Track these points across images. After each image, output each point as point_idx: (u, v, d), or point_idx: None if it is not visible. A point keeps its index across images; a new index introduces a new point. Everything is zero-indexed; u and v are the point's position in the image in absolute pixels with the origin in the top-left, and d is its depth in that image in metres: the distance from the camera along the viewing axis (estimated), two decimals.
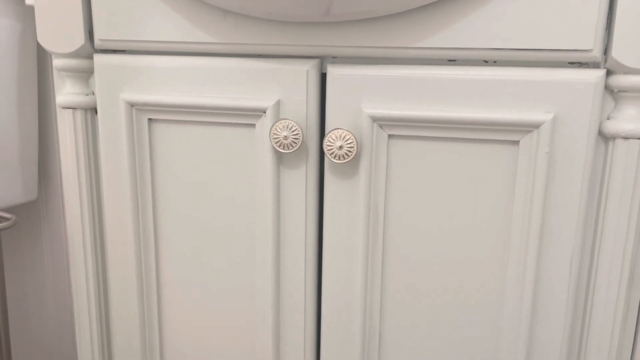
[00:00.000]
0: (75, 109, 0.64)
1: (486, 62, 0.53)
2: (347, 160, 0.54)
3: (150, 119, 0.62)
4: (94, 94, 0.64)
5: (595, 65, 0.51)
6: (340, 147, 0.54)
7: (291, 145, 0.56)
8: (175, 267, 0.66)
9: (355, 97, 0.55)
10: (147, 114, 0.62)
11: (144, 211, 0.65)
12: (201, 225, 0.64)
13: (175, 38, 0.59)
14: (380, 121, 0.55)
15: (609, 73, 0.50)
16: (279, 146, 0.56)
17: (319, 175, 0.59)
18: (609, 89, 0.51)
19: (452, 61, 0.54)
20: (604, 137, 0.52)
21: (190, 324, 0.67)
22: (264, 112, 0.57)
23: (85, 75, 0.64)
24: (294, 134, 0.55)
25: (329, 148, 0.55)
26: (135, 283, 0.67)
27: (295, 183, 0.59)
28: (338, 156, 0.54)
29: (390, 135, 0.55)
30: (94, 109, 0.65)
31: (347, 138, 0.54)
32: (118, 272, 0.68)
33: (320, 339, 0.63)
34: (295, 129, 0.55)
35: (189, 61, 0.59)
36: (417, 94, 0.54)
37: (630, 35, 0.48)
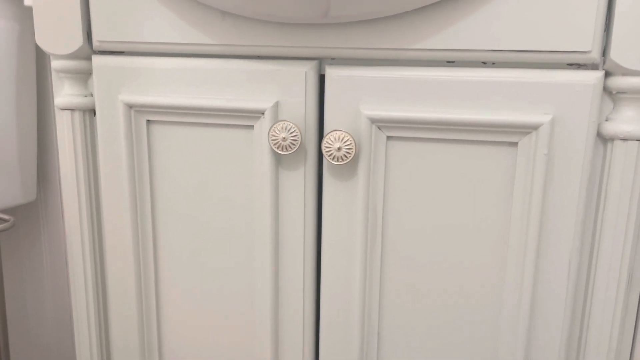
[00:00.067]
0: (73, 110, 0.64)
1: (484, 64, 0.53)
2: (346, 162, 0.54)
3: (148, 121, 0.62)
4: (92, 95, 0.64)
5: (593, 66, 0.51)
6: (338, 149, 0.54)
7: (289, 146, 0.56)
8: (174, 268, 0.66)
9: (354, 99, 0.55)
10: (146, 115, 0.62)
11: (143, 212, 0.65)
12: (200, 226, 0.64)
13: (174, 39, 0.59)
14: (379, 123, 0.55)
15: (608, 74, 0.50)
16: (278, 148, 0.56)
17: (318, 176, 0.59)
18: (607, 90, 0.51)
19: (451, 63, 0.54)
20: (603, 139, 0.52)
21: (188, 325, 0.67)
22: (263, 114, 0.57)
23: (83, 76, 0.64)
24: (292, 135, 0.55)
25: (328, 150, 0.54)
26: (133, 284, 0.67)
27: (293, 184, 0.59)
28: (336, 158, 0.54)
29: (388, 137, 0.55)
30: (93, 111, 0.65)
31: (346, 140, 0.54)
32: (116, 273, 0.68)
33: (319, 340, 0.63)
34: (293, 130, 0.55)
35: (187, 62, 0.59)
36: (416, 95, 0.53)
37: (629, 36, 0.48)
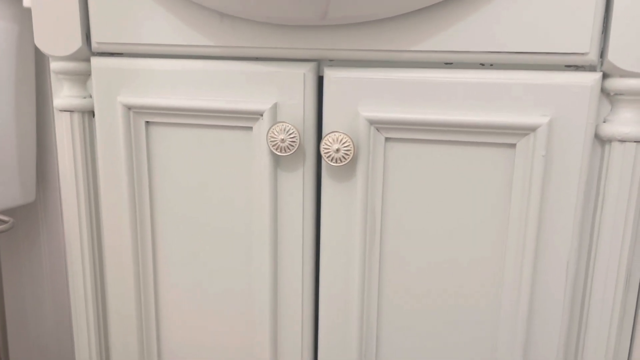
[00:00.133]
0: (72, 111, 0.64)
1: (483, 65, 0.53)
2: (344, 163, 0.55)
3: (147, 122, 0.62)
4: (91, 96, 0.64)
5: (591, 68, 0.51)
6: (337, 150, 0.54)
7: (288, 148, 0.56)
8: (173, 270, 0.66)
9: (352, 100, 0.55)
10: (144, 116, 0.62)
11: (142, 214, 0.65)
12: (199, 227, 0.64)
13: (172, 41, 0.59)
14: (377, 124, 0.55)
15: (605, 76, 0.50)
16: (276, 149, 0.56)
17: (316, 178, 0.59)
18: (605, 92, 0.51)
19: (449, 64, 0.54)
20: (601, 140, 0.52)
21: (187, 326, 0.67)
22: (261, 115, 0.57)
23: (82, 78, 0.64)
24: (291, 136, 0.55)
25: (326, 151, 0.55)
26: (132, 284, 0.67)
27: (292, 186, 0.59)
28: (335, 159, 0.55)
29: (387, 138, 0.55)
30: (92, 112, 0.65)
31: (344, 141, 0.54)
32: (115, 274, 0.68)
33: (317, 341, 0.63)
34: (292, 131, 0.55)
35: (186, 64, 0.59)
36: (414, 96, 0.54)
37: (626, 38, 0.48)
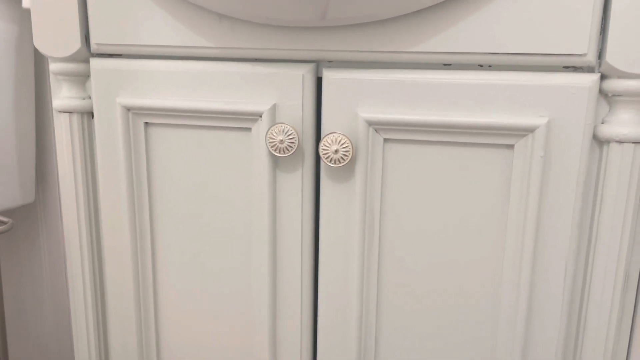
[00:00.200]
0: (71, 112, 0.64)
1: (481, 67, 0.53)
2: (343, 165, 0.55)
3: (146, 123, 0.62)
4: (90, 97, 0.64)
5: (589, 69, 0.51)
6: (335, 151, 0.54)
7: (287, 149, 0.56)
8: (172, 271, 0.66)
9: (351, 101, 0.55)
10: (144, 117, 0.62)
11: (141, 214, 0.65)
12: (198, 228, 0.64)
13: (172, 42, 0.59)
14: (376, 125, 0.55)
15: (603, 77, 0.50)
16: (275, 150, 0.56)
17: (315, 179, 0.59)
18: (603, 93, 0.51)
19: (447, 65, 0.54)
20: (599, 141, 0.52)
21: (187, 326, 0.67)
22: (260, 116, 0.57)
23: (81, 79, 0.64)
24: (289, 138, 0.55)
25: (325, 152, 0.55)
26: (132, 285, 0.67)
27: (291, 187, 0.59)
28: (334, 160, 0.55)
29: (385, 139, 0.55)
30: (91, 113, 0.65)
31: (343, 142, 0.54)
32: (115, 274, 0.68)
33: (316, 342, 0.63)
34: (291, 133, 0.55)
35: (185, 65, 0.59)
36: (413, 98, 0.54)
37: (624, 39, 0.48)
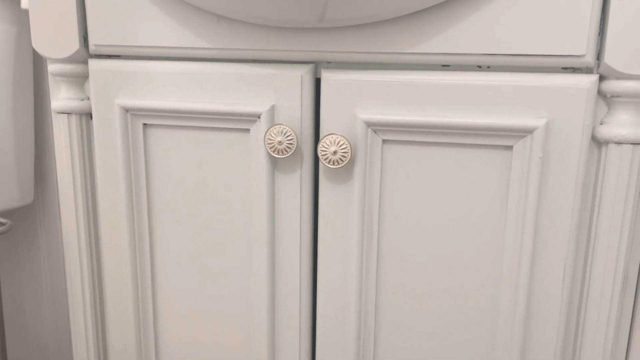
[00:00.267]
0: (70, 114, 0.64)
1: (480, 68, 0.53)
2: (342, 166, 0.55)
3: (145, 124, 0.62)
4: (89, 99, 0.64)
5: (588, 70, 0.51)
6: (334, 153, 0.54)
7: (285, 150, 0.56)
8: (171, 272, 0.66)
9: (350, 102, 0.55)
10: (142, 119, 0.62)
11: (139, 216, 0.65)
12: (197, 229, 0.64)
13: (170, 43, 0.59)
14: (375, 126, 0.55)
15: (602, 78, 0.50)
16: (274, 151, 0.56)
17: (314, 180, 0.59)
18: (602, 94, 0.51)
19: (446, 66, 0.54)
20: (597, 142, 0.52)
21: (185, 326, 0.67)
22: (259, 117, 0.57)
23: (80, 80, 0.64)
24: (288, 139, 0.55)
25: (323, 153, 0.55)
26: (130, 286, 0.67)
27: (290, 188, 0.59)
28: (332, 161, 0.55)
29: (384, 140, 0.55)
30: (90, 114, 0.65)
31: (342, 143, 0.54)
32: (113, 275, 0.68)
33: (315, 342, 0.63)
34: (289, 134, 0.55)
35: (183, 66, 0.59)
36: (411, 99, 0.54)
37: (623, 40, 0.48)
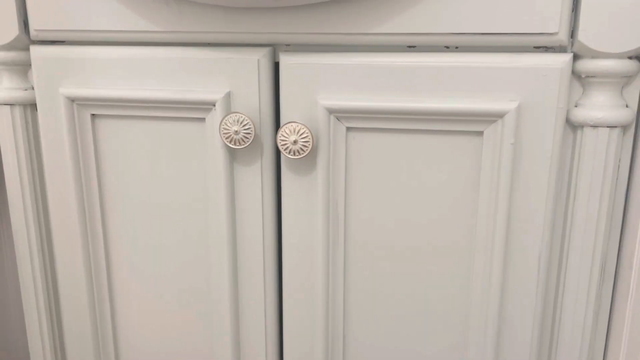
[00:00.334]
0: (13, 105, 0.59)
1: (447, 48, 0.50)
2: (303, 156, 0.51)
3: (93, 115, 0.58)
4: (33, 88, 0.60)
5: (561, 49, 0.48)
6: (294, 142, 0.51)
7: (243, 140, 0.52)
8: (127, 269, 0.62)
9: (310, 88, 0.51)
10: (90, 109, 0.57)
11: (91, 212, 0.61)
12: (153, 225, 0.60)
13: (116, 27, 0.55)
14: (337, 113, 0.51)
15: (576, 57, 0.47)
16: (230, 142, 0.52)
17: (276, 171, 0.56)
18: (576, 74, 0.48)
19: (412, 47, 0.50)
20: (572, 126, 0.49)
21: (144, 327, 0.64)
22: (214, 106, 0.53)
23: (22, 68, 0.60)
24: (245, 128, 0.52)
25: (283, 143, 0.51)
26: (85, 290, 0.63)
27: (250, 181, 0.55)
28: (293, 151, 0.51)
29: (348, 128, 0.52)
30: (35, 105, 0.60)
31: (302, 132, 0.50)
32: (67, 276, 0.64)
33: (282, 339, 0.60)
34: (246, 123, 0.52)
35: (132, 52, 0.55)
36: (376, 83, 0.50)
37: (598, 17, 0.45)
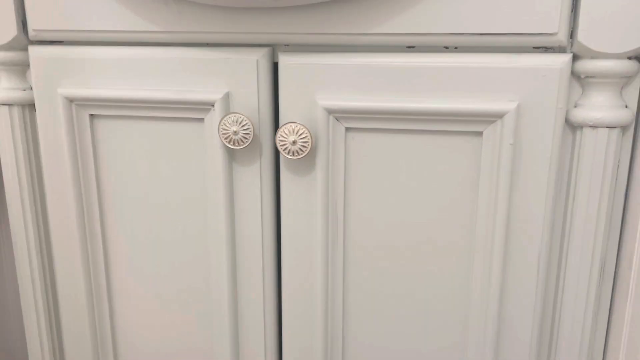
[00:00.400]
0: (12, 105, 0.59)
1: (446, 49, 0.50)
2: (302, 156, 0.51)
3: (91, 115, 0.58)
4: (32, 89, 0.60)
5: (561, 49, 0.48)
6: (293, 142, 0.51)
7: (242, 141, 0.52)
8: (126, 269, 0.62)
9: (309, 88, 0.51)
10: (88, 109, 0.57)
11: (90, 212, 0.61)
12: (152, 226, 0.60)
13: (115, 27, 0.54)
14: (337, 113, 0.51)
15: (576, 58, 0.47)
16: (229, 142, 0.52)
17: (275, 172, 0.56)
18: (575, 74, 0.48)
19: (411, 48, 0.50)
20: (571, 126, 0.49)
21: (143, 327, 0.64)
22: (213, 106, 0.53)
23: (21, 68, 0.60)
24: (244, 128, 0.52)
25: (282, 143, 0.51)
26: (84, 289, 0.63)
27: (249, 181, 0.55)
28: (292, 152, 0.51)
29: (347, 128, 0.52)
30: (33, 105, 0.60)
31: (301, 132, 0.50)
32: (66, 276, 0.64)
33: (282, 339, 0.60)
34: (245, 123, 0.51)
35: (131, 52, 0.55)
36: (375, 83, 0.50)
37: (597, 17, 0.45)
